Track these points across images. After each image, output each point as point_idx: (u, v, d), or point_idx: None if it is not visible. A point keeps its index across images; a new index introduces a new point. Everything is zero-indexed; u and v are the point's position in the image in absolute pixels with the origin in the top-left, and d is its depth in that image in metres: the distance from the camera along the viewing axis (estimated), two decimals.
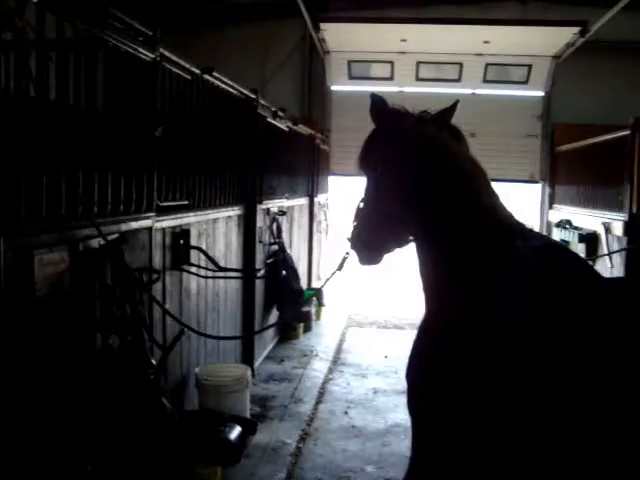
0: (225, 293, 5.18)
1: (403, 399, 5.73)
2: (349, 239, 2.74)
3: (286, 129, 7.22)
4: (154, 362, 2.91)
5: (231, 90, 5.14)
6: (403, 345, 7.88)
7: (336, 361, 6.94)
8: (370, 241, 2.62)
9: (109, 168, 3.02)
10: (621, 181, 6.93)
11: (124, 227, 3.13)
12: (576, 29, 8.47)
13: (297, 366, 6.54)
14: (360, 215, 2.65)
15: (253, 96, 5.69)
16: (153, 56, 3.46)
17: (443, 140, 2.39)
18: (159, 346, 3.00)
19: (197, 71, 4.33)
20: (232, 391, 4.39)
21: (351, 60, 10.51)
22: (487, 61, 9.99)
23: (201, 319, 4.67)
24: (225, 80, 4.89)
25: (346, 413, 5.37)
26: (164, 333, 3.76)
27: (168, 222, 3.88)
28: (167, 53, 3.74)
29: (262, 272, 5.37)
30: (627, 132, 6.74)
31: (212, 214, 4.77)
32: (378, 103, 2.56)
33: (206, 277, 4.43)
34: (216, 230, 4.90)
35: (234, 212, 5.37)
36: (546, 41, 9.06)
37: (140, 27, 3.34)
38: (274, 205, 6.73)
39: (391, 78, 10.57)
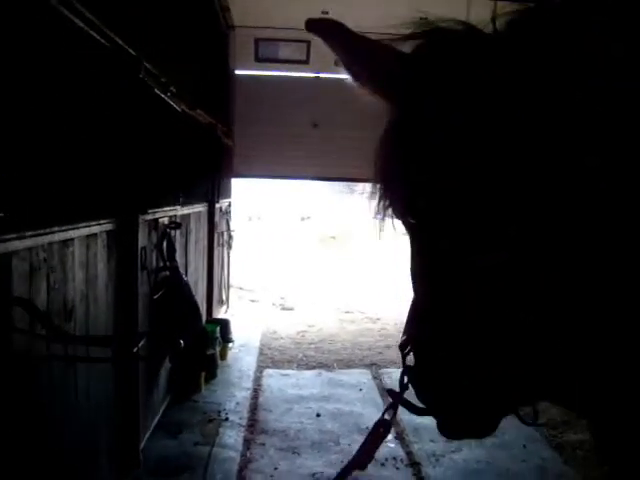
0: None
1: None
2: (404, 384, 1.16)
3: (180, 110, 5.31)
4: None
5: (92, 32, 3.18)
6: (336, 395, 6.19)
7: (253, 426, 5.09)
8: (478, 389, 0.98)
9: None
10: None
11: None
12: None
13: (200, 441, 4.64)
14: (436, 319, 1.01)
15: (132, 52, 3.77)
16: None
17: None
18: None
19: None
20: None
21: (259, 38, 8.70)
22: None
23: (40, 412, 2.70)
24: (82, 10, 2.93)
25: None
26: None
27: None
28: None
29: (141, 344, 3.34)
30: None
31: (59, 233, 2.81)
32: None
33: (51, 359, 2.46)
34: (67, 259, 2.94)
35: (101, 228, 3.40)
36: None
37: None
38: (164, 215, 4.81)
39: (306, 61, 8.86)
